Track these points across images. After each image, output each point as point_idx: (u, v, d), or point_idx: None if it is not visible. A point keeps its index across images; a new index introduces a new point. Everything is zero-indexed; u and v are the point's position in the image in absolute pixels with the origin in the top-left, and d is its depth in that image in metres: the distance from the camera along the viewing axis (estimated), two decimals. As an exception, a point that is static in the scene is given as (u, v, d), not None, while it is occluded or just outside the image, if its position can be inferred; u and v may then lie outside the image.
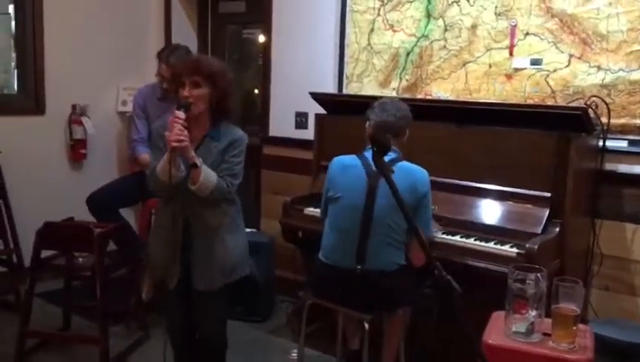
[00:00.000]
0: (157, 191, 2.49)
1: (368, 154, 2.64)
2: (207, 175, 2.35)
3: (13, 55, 4.32)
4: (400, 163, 2.61)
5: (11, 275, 3.81)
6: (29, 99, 4.26)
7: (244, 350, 3.20)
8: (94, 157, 4.53)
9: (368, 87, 3.75)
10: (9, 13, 4.28)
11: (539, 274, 1.95)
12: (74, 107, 4.39)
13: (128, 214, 4.24)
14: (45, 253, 3.17)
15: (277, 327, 3.70)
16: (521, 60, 3.17)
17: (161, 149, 2.41)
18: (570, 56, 3.03)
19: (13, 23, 4.26)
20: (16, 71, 4.32)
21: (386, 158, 2.53)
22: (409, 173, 2.57)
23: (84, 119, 4.40)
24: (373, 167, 2.58)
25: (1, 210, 3.80)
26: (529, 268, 1.98)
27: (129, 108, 4.27)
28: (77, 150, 4.43)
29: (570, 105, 2.99)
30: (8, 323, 3.40)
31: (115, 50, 4.61)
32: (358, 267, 2.56)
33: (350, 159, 2.72)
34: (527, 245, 2.55)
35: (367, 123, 2.70)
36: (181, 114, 2.29)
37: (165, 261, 2.47)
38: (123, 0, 4.65)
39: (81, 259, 3.30)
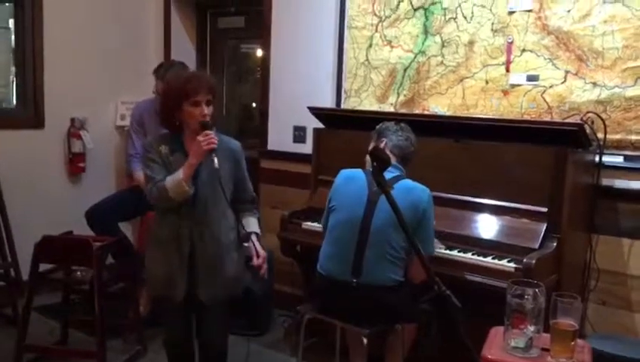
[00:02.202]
0: (159, 206, 2.48)
1: None
2: (254, 224, 2.58)
3: (13, 69, 4.34)
4: (402, 180, 2.63)
5: (9, 289, 3.79)
6: (28, 113, 4.28)
7: (242, 364, 3.19)
8: (93, 171, 4.54)
9: (366, 102, 3.78)
10: (9, 27, 4.31)
11: (537, 290, 1.95)
12: (73, 121, 4.42)
13: (126, 228, 4.25)
14: (43, 267, 3.17)
15: (275, 341, 3.70)
16: (517, 76, 3.21)
17: (160, 165, 2.42)
18: (567, 72, 3.07)
19: (12, 37, 4.29)
20: (15, 85, 4.34)
21: (389, 175, 2.58)
22: (410, 190, 2.59)
23: (82, 133, 4.42)
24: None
25: (-1, 224, 3.80)
26: (527, 283, 1.99)
27: (127, 122, 4.29)
28: (75, 164, 4.44)
29: (566, 120, 3.02)
30: (6, 337, 3.39)
31: (114, 65, 4.64)
32: (354, 280, 2.57)
33: (355, 173, 2.74)
34: (524, 260, 2.57)
35: (383, 142, 2.72)
36: (212, 132, 2.36)
37: (167, 276, 2.47)
38: (122, 15, 4.69)
39: (79, 273, 3.29)
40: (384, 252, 2.56)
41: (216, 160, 2.34)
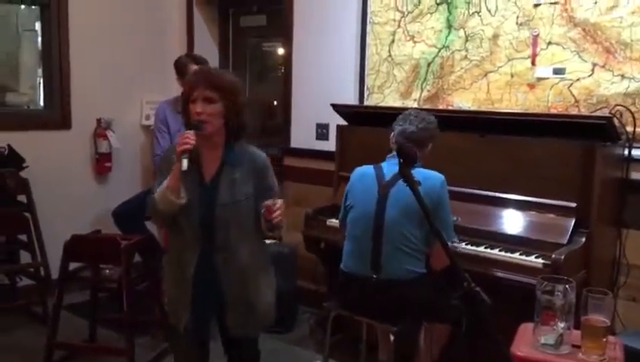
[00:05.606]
0: (156, 220, 2.29)
1: (384, 164, 2.67)
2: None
3: (40, 71, 4.41)
4: (415, 169, 2.61)
5: (39, 288, 3.86)
6: (56, 114, 4.34)
7: (267, 361, 3.20)
8: (119, 170, 4.60)
9: (389, 98, 3.76)
10: (35, 30, 4.38)
11: (567, 286, 1.93)
12: (99, 121, 4.47)
13: (152, 227, 4.28)
14: (72, 266, 3.22)
15: (300, 338, 3.71)
16: (543, 70, 3.16)
17: (165, 175, 2.18)
18: (594, 65, 3.02)
19: (39, 40, 4.36)
20: (42, 86, 4.41)
21: (397, 168, 2.55)
22: (424, 178, 2.56)
23: (108, 133, 4.48)
24: (385, 178, 2.61)
25: (29, 223, 3.86)
26: (557, 279, 1.97)
27: (152, 122, 4.33)
28: (102, 163, 4.50)
29: (594, 114, 2.98)
30: (36, 335, 3.45)
31: (138, 65, 4.69)
32: (374, 276, 2.57)
33: (367, 169, 2.75)
34: (553, 256, 2.53)
35: (392, 134, 2.72)
36: (191, 133, 2.11)
37: (175, 301, 2.31)
38: (146, 15, 4.74)
39: (107, 271, 3.33)
40: (400, 244, 2.55)
41: (185, 162, 2.07)
